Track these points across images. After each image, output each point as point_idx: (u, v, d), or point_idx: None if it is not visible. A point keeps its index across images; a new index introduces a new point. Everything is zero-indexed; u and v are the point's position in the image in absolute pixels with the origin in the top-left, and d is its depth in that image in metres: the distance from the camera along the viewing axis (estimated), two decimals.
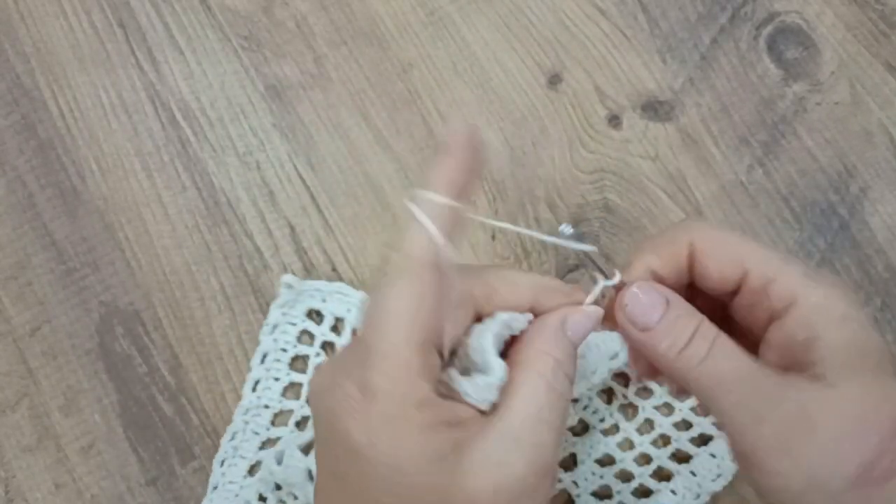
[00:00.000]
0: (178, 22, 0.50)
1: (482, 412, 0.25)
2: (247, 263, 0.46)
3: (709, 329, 0.26)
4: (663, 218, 0.46)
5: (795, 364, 0.26)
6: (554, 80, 0.48)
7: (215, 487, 0.42)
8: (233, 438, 0.43)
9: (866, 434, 0.24)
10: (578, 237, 0.27)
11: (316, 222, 0.47)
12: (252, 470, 0.42)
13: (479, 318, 0.27)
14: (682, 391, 0.30)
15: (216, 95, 0.49)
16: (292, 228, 0.47)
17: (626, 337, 0.27)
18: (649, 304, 0.26)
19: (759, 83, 0.48)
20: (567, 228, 0.27)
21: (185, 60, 0.49)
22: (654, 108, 0.48)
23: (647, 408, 0.42)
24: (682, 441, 0.41)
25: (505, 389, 0.25)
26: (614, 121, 0.48)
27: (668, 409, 0.42)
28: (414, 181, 0.47)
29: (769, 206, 0.46)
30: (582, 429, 0.42)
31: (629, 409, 0.42)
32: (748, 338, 0.28)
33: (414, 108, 0.48)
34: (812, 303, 0.25)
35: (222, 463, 0.42)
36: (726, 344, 0.26)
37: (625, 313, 0.27)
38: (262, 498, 0.41)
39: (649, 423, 0.42)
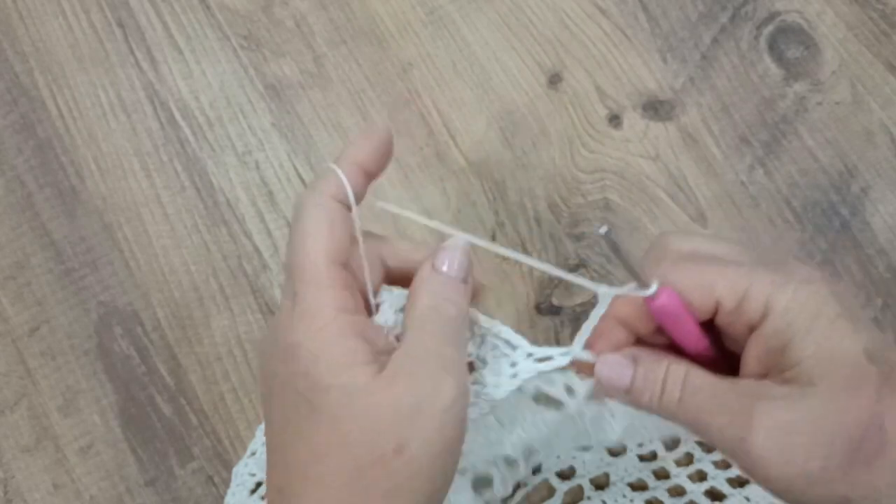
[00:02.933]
0: (177, 21, 0.50)
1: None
2: (246, 263, 0.46)
3: (677, 370, 0.28)
4: (664, 218, 0.45)
5: (776, 369, 0.27)
6: (554, 80, 0.48)
7: (253, 453, 0.42)
8: None
9: (847, 421, 0.25)
10: (609, 239, 0.27)
11: None
12: None
13: (389, 277, 0.31)
14: None
15: (215, 95, 0.49)
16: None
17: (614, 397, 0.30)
18: (617, 370, 0.29)
19: (760, 83, 0.48)
20: (602, 228, 0.28)
21: (184, 60, 0.49)
22: (655, 108, 0.47)
23: (689, 441, 0.41)
24: (719, 479, 0.40)
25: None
26: (615, 120, 0.47)
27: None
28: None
29: (770, 206, 0.46)
30: (620, 451, 0.41)
31: (670, 440, 0.41)
32: (738, 349, 0.29)
33: (414, 107, 0.48)
34: (782, 307, 0.26)
35: None
36: (696, 377, 0.28)
37: (603, 383, 0.30)
38: None
39: (689, 457, 0.41)
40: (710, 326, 0.29)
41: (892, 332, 0.44)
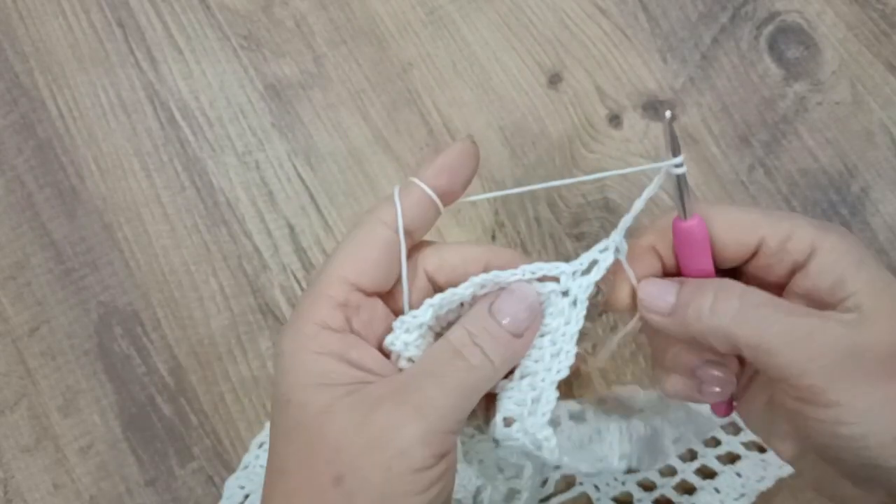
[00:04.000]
0: (177, 21, 0.50)
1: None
2: (246, 263, 0.46)
3: (732, 285, 0.28)
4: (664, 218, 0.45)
5: (824, 307, 0.28)
6: (554, 80, 0.48)
7: (246, 467, 0.42)
8: None
9: None
10: (671, 126, 0.28)
11: (315, 222, 0.46)
12: None
13: (438, 290, 0.30)
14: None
15: (215, 95, 0.49)
16: (291, 228, 0.46)
17: (656, 327, 0.29)
18: (661, 289, 0.29)
19: (760, 83, 0.48)
20: (667, 113, 0.28)
21: (185, 60, 0.49)
22: (655, 108, 0.47)
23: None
24: (708, 457, 0.41)
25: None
26: (615, 120, 0.47)
27: None
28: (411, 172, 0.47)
29: (770, 205, 0.46)
30: None
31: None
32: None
33: (413, 107, 0.48)
34: (830, 248, 0.27)
35: (260, 445, 0.42)
36: (756, 292, 0.27)
37: (644, 306, 0.29)
38: None
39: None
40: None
41: None
